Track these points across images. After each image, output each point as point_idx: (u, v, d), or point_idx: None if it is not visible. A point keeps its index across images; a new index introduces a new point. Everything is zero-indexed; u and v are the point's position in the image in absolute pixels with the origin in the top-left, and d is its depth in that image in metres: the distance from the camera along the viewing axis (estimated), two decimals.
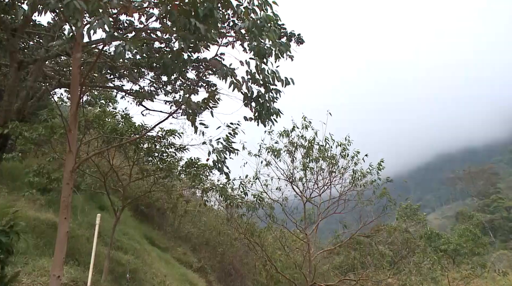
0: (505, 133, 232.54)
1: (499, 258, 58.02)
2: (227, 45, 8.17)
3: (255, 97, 6.87)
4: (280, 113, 7.30)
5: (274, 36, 5.97)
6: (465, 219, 75.77)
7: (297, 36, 9.37)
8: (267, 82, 6.70)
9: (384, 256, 19.01)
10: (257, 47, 5.97)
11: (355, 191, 14.89)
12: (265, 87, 6.75)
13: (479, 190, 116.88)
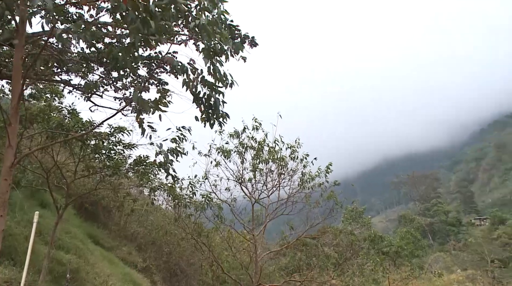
0: (446, 142, 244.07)
1: (436, 260, 60.63)
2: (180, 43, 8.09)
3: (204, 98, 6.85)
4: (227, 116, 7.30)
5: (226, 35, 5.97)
6: (407, 222, 78.69)
7: (251, 38, 9.39)
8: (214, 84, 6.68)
9: (329, 258, 19.40)
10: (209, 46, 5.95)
11: (303, 193, 15.10)
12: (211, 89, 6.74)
13: (421, 194, 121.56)
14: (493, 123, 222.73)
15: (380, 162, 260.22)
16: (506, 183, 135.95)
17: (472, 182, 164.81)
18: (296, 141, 14.82)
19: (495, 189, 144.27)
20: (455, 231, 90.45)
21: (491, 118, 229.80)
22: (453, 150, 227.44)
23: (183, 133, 7.73)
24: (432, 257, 64.38)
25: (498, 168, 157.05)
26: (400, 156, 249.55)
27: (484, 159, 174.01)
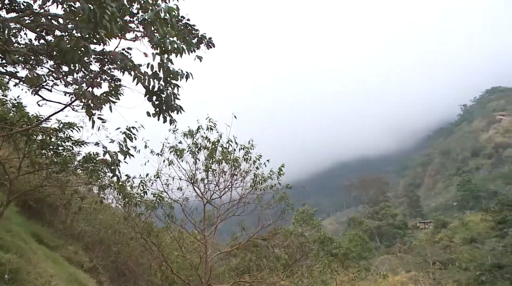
0: (396, 147, 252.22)
1: (382, 262, 62.47)
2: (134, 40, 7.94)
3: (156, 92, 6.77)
4: (181, 109, 7.25)
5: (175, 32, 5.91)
6: (356, 224, 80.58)
7: (208, 39, 9.32)
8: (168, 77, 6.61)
9: (279, 259, 19.57)
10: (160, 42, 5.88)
11: (255, 194, 15.16)
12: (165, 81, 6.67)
13: (370, 197, 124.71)
14: (439, 130, 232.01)
15: (333, 165, 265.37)
16: (449, 188, 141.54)
17: (419, 186, 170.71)
18: (249, 142, 14.86)
19: (439, 194, 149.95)
20: (401, 234, 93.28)
21: (437, 126, 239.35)
22: (402, 155, 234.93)
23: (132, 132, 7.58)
24: (379, 259, 66.32)
25: (442, 173, 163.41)
26: (352, 160, 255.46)
27: (430, 164, 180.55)
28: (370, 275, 29.18)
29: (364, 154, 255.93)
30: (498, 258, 60.46)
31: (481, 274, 57.53)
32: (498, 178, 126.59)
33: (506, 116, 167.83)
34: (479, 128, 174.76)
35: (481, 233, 74.67)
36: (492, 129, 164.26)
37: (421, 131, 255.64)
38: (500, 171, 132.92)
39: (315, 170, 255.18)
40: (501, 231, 69.62)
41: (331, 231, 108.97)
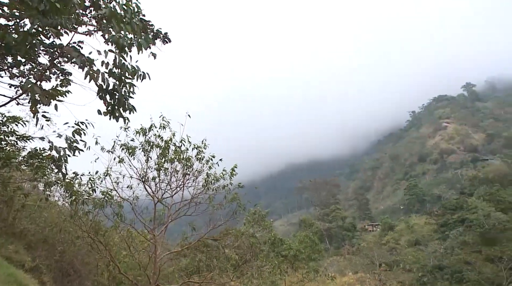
0: (347, 150, 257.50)
1: (331, 263, 63.71)
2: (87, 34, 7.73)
3: (110, 90, 6.62)
4: (134, 109, 7.13)
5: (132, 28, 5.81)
6: (307, 226, 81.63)
7: (164, 34, 9.20)
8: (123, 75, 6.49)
9: (229, 260, 19.55)
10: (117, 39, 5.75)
11: (207, 194, 15.11)
12: (120, 81, 6.54)
13: (321, 200, 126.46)
14: (389, 135, 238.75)
15: (286, 167, 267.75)
16: (397, 192, 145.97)
17: (368, 189, 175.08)
18: (202, 142, 14.79)
19: (387, 197, 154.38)
20: (350, 236, 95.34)
21: (388, 131, 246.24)
22: (353, 159, 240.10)
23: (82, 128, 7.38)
24: (328, 260, 67.53)
25: (391, 177, 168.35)
26: (305, 162, 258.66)
27: (380, 168, 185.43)
28: (319, 276, 29.66)
29: (316, 156, 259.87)
30: (439, 259, 63.09)
31: (423, 275, 59.83)
32: (442, 183, 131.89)
33: (451, 124, 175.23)
34: (426, 134, 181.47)
35: (425, 236, 77.66)
36: (438, 136, 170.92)
37: (372, 135, 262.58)
38: (444, 176, 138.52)
39: (268, 172, 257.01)
40: (443, 234, 72.74)
41: (282, 232, 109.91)
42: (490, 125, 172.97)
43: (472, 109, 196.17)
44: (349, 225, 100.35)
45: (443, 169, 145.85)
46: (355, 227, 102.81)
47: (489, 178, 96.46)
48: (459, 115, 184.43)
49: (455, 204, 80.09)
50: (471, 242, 63.22)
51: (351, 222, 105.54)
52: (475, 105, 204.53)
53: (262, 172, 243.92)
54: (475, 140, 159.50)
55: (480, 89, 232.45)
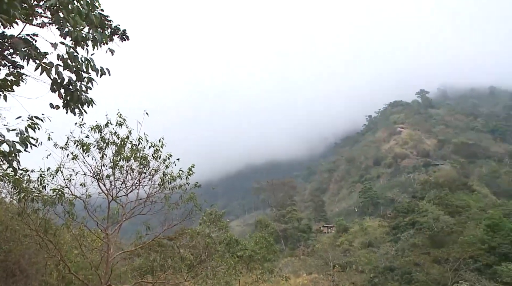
0: (304, 152, 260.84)
1: (286, 264, 64.25)
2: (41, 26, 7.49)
3: (65, 84, 6.46)
4: (93, 103, 6.99)
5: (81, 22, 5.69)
6: (263, 227, 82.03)
7: (122, 31, 9.02)
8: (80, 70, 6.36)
9: (184, 260, 19.40)
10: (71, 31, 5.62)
11: (163, 193, 14.94)
12: (77, 75, 6.40)
13: (278, 201, 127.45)
14: (346, 138, 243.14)
15: (243, 168, 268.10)
16: (352, 195, 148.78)
17: (324, 191, 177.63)
18: (160, 140, 14.61)
19: (343, 199, 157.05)
20: (305, 237, 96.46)
21: (345, 134, 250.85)
22: (311, 161, 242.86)
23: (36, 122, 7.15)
24: (283, 261, 68.05)
25: (347, 180, 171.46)
26: (263, 163, 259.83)
27: (336, 171, 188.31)
28: (273, 277, 29.87)
29: (275, 158, 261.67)
30: (390, 261, 64.79)
31: (375, 276, 61.28)
32: (395, 186, 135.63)
33: (405, 129, 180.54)
34: (382, 138, 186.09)
35: (378, 238, 79.59)
36: (393, 140, 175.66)
37: (330, 138, 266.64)
38: (398, 180, 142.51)
39: (226, 172, 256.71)
40: (395, 236, 74.79)
41: (239, 232, 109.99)
42: (441, 131, 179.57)
43: (425, 116, 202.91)
44: (304, 226, 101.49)
45: (397, 173, 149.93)
46: (310, 228, 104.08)
47: (439, 182, 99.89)
48: (413, 121, 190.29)
49: (407, 207, 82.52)
50: (421, 244, 65.27)
51: (307, 223, 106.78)
52: (428, 111, 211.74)
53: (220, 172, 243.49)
54: (427, 146, 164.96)
55: (433, 96, 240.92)
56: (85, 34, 6.16)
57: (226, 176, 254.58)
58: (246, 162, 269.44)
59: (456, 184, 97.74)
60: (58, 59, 6.28)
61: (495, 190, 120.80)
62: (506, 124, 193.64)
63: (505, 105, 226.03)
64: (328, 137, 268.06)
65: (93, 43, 6.37)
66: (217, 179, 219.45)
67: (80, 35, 5.96)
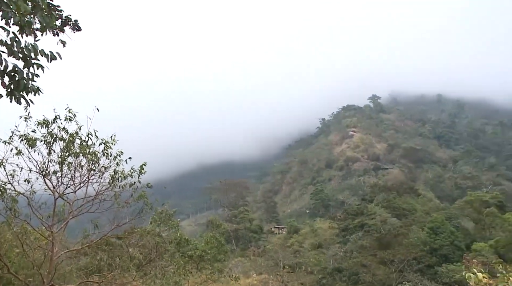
0: (258, 153, 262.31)
1: (236, 265, 64.30)
2: None
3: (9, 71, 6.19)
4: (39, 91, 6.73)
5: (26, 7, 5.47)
6: (214, 227, 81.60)
7: (74, 22, 8.71)
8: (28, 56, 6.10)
9: (132, 259, 19.03)
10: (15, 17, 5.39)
11: (113, 191, 14.62)
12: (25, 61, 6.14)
13: (230, 201, 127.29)
14: (299, 140, 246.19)
15: (197, 167, 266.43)
16: (304, 196, 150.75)
17: (277, 193, 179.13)
18: (111, 137, 14.26)
19: (294, 201, 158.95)
20: (256, 237, 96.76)
21: (298, 136, 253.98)
22: (264, 162, 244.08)
23: None
24: (234, 261, 68.05)
25: (299, 182, 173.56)
26: (216, 164, 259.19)
27: (289, 172, 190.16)
28: (223, 277, 29.82)
29: (228, 158, 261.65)
30: (339, 262, 66.09)
31: (323, 277, 62.32)
32: (346, 189, 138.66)
33: (357, 133, 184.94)
34: (334, 142, 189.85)
35: (327, 239, 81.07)
36: (345, 144, 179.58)
37: (283, 140, 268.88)
38: (349, 182, 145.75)
39: (178, 171, 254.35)
40: (344, 238, 76.40)
41: (190, 232, 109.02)
42: (391, 136, 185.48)
43: (376, 120, 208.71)
44: (256, 227, 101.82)
45: (348, 176, 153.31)
46: (262, 229, 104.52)
47: (387, 186, 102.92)
48: (365, 125, 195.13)
49: (356, 210, 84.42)
50: (368, 246, 66.93)
51: (258, 224, 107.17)
52: (379, 116, 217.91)
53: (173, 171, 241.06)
54: (377, 150, 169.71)
55: (384, 102, 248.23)
56: (29, 18, 5.92)
57: (178, 175, 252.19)
58: (199, 162, 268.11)
59: (403, 188, 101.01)
60: (1, 45, 6.02)
61: (439, 194, 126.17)
62: (451, 131, 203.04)
63: (451, 113, 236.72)
64: (282, 139, 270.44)
65: (40, 28, 6.13)
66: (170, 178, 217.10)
67: (23, 19, 5.73)
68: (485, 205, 73.95)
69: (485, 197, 78.67)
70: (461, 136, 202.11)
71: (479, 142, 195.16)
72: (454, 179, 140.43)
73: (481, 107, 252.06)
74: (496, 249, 57.66)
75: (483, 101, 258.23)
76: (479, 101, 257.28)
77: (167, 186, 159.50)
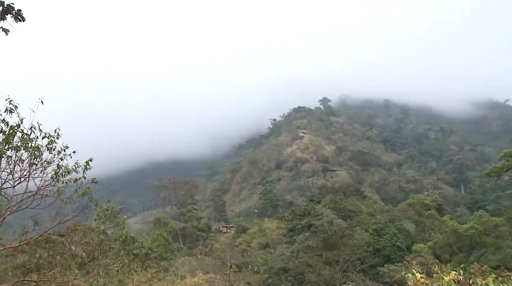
0: (208, 152, 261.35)
1: (183, 263, 63.81)
2: None
3: None
4: None
5: None
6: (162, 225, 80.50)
7: (16, 11, 8.36)
8: None
9: (74, 257, 18.48)
10: None
11: (56, 187, 14.14)
12: None
13: (179, 199, 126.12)
14: (250, 140, 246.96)
15: (146, 164, 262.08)
16: (253, 196, 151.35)
17: (226, 192, 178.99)
18: (55, 131, 13.75)
19: (243, 200, 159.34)
20: (204, 236, 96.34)
21: (249, 136, 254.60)
22: (215, 161, 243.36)
23: None
24: (180, 260, 67.40)
25: (248, 181, 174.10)
26: (166, 161, 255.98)
27: (239, 172, 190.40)
28: (169, 275, 29.48)
29: (178, 156, 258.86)
30: (285, 262, 66.86)
31: (269, 277, 62.86)
32: (295, 189, 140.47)
33: (307, 134, 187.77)
34: (284, 142, 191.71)
35: (275, 239, 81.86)
36: (295, 145, 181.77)
37: (234, 139, 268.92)
38: (297, 183, 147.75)
39: (126, 168, 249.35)
40: (291, 238, 77.48)
41: (137, 230, 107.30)
42: (340, 139, 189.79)
43: (326, 123, 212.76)
44: (204, 226, 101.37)
45: (297, 177, 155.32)
46: (210, 228, 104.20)
47: (335, 188, 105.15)
48: (315, 127, 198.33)
49: (304, 210, 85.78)
50: (315, 246, 68.10)
51: (207, 223, 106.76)
52: (329, 119, 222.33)
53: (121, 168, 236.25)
54: (326, 152, 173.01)
55: (334, 105, 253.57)
56: None
57: (126, 172, 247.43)
58: (148, 159, 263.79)
59: (350, 190, 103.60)
60: None
61: (383, 196, 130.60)
62: (396, 136, 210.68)
63: (397, 118, 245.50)
64: (233, 138, 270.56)
65: None
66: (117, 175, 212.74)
67: None
68: (425, 208, 77.14)
69: (426, 200, 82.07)
70: (406, 141, 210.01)
71: (422, 147, 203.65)
72: (398, 182, 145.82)
73: (425, 113, 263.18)
74: (434, 250, 60.21)
75: (427, 108, 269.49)
76: (423, 108, 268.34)
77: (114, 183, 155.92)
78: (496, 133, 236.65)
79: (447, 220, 61.19)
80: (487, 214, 61.69)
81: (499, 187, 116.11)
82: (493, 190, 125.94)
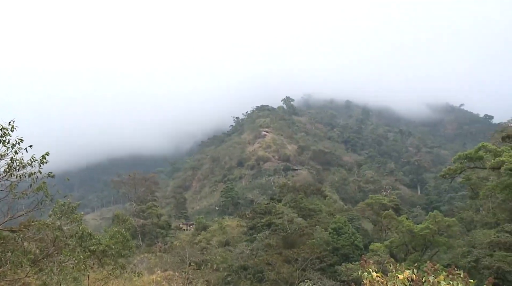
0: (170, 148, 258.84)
1: (141, 261, 62.88)
2: None
3: None
4: None
5: None
6: (120, 222, 79.16)
7: None
8: None
9: (27, 253, 17.92)
10: None
11: (9, 181, 13.69)
12: None
13: (139, 195, 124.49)
14: (213, 137, 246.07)
15: (106, 159, 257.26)
16: (214, 194, 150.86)
17: (187, 189, 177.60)
18: (10, 123, 13.28)
19: (204, 198, 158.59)
20: (163, 233, 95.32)
21: (212, 133, 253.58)
22: (176, 157, 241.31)
23: None
24: (139, 257, 66.39)
25: (210, 179, 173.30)
26: (125, 157, 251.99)
27: (200, 169, 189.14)
28: (126, 273, 28.98)
29: (138, 152, 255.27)
30: (245, 260, 67.01)
31: (229, 275, 62.82)
32: (256, 188, 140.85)
33: (269, 133, 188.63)
34: (247, 140, 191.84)
35: (235, 237, 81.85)
36: (257, 143, 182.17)
37: (197, 136, 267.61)
38: (259, 181, 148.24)
39: (85, 164, 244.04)
40: (251, 236, 77.68)
41: (94, 226, 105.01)
42: (302, 138, 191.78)
43: (289, 122, 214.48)
44: (164, 223, 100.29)
45: (258, 175, 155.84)
46: (170, 225, 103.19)
47: (296, 187, 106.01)
48: (277, 126, 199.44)
49: (264, 209, 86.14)
50: (275, 245, 68.49)
51: (167, 220, 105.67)
52: (292, 118, 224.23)
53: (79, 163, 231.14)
54: (288, 151, 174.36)
55: (297, 104, 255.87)
56: None
57: (85, 167, 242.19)
58: (108, 154, 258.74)
59: (311, 189, 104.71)
60: None
61: (343, 196, 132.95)
62: (357, 137, 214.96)
63: (357, 119, 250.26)
64: (195, 135, 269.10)
65: None
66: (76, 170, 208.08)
67: None
68: (383, 208, 79.08)
69: (384, 200, 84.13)
70: (366, 142, 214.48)
71: (381, 148, 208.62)
72: (358, 182, 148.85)
73: (385, 115, 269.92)
74: (390, 249, 61.75)
75: (387, 110, 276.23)
76: (383, 109, 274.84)
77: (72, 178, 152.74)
78: (451, 136, 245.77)
79: (403, 220, 62.83)
80: (441, 214, 63.81)
81: (453, 188, 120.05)
82: (447, 191, 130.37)
